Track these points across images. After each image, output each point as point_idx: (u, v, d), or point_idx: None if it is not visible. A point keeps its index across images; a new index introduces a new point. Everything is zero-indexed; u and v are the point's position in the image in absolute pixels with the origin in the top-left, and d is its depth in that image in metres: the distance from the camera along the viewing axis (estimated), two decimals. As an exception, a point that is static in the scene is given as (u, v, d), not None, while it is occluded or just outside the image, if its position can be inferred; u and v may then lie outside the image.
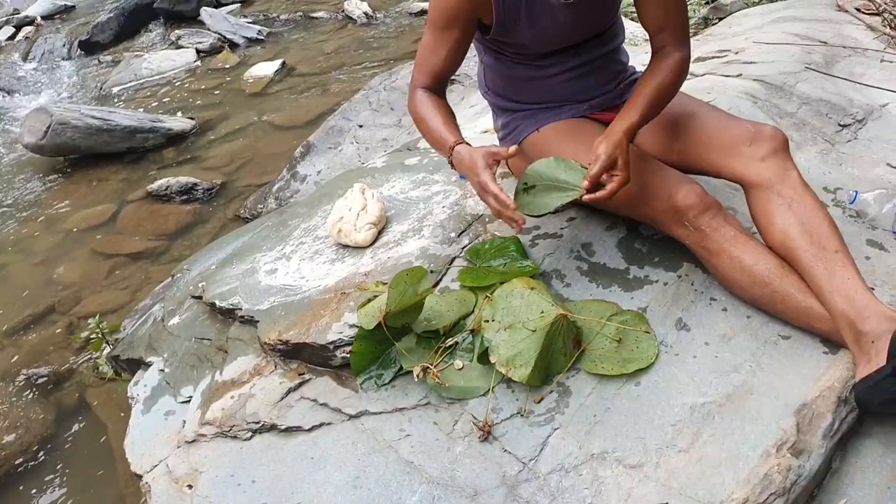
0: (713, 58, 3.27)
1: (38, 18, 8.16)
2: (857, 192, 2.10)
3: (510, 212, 1.67)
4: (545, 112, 2.00)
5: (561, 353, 1.65)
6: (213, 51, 6.67)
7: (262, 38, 6.88)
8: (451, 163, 1.82)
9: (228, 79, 6.04)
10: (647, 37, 1.90)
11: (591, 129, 1.90)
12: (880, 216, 2.04)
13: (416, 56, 1.95)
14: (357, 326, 1.76)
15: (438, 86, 1.94)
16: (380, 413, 1.64)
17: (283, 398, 1.74)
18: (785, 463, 1.40)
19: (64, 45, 7.37)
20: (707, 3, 4.48)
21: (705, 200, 1.70)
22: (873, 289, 1.75)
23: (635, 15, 1.95)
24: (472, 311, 1.77)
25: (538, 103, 2.00)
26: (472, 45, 1.96)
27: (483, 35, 1.90)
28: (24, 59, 7.30)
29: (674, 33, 1.82)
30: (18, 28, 8.03)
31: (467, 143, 1.79)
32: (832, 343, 1.64)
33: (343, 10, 7.27)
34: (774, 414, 1.52)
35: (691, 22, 4.36)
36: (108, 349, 2.77)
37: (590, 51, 1.93)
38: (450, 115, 1.89)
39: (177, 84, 6.08)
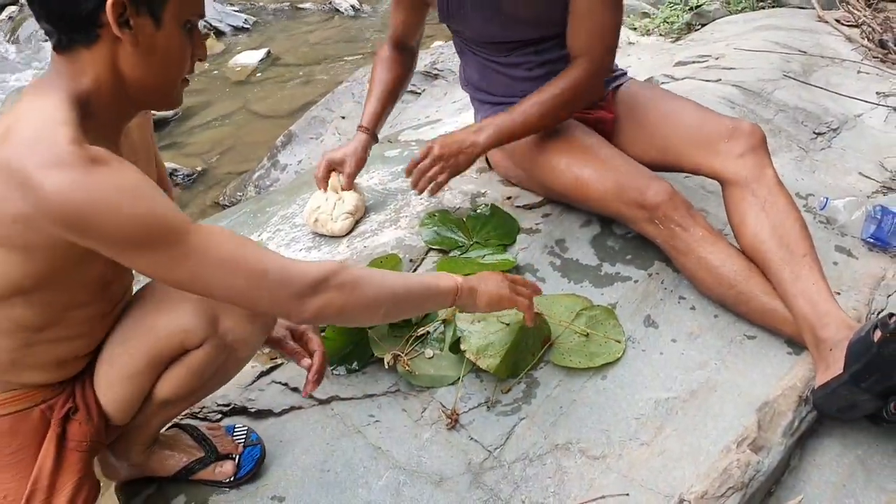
0: (694, 62, 3.31)
1: (22, -1, 8.06)
2: (827, 199, 2.14)
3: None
4: (522, 109, 2.01)
5: (530, 351, 1.67)
6: (199, 38, 6.63)
7: (248, 26, 6.84)
8: None
9: (212, 66, 6.00)
10: (629, 40, 1.92)
11: (567, 127, 1.93)
12: (850, 223, 2.08)
13: None
14: (330, 313, 1.78)
15: (398, 46, 2.15)
16: (350, 399, 1.65)
17: (254, 382, 1.74)
18: (744, 458, 1.42)
19: (48, 27, 7.27)
20: (690, 9, 4.53)
21: (675, 199, 1.72)
22: (839, 294, 1.79)
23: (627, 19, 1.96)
24: (445, 302, 1.79)
25: (514, 97, 2.00)
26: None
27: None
28: (8, 39, 7.22)
29: (590, 55, 1.80)
30: (2, 8, 7.93)
31: (366, 132, 2.11)
32: (796, 344, 1.67)
33: (330, 2, 7.26)
34: (737, 411, 1.56)
35: (674, 27, 4.39)
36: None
37: (551, 51, 1.93)
38: (385, 90, 2.12)
39: (160, 69, 6.04)
